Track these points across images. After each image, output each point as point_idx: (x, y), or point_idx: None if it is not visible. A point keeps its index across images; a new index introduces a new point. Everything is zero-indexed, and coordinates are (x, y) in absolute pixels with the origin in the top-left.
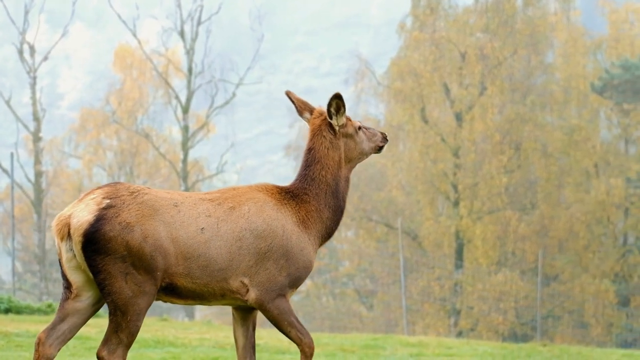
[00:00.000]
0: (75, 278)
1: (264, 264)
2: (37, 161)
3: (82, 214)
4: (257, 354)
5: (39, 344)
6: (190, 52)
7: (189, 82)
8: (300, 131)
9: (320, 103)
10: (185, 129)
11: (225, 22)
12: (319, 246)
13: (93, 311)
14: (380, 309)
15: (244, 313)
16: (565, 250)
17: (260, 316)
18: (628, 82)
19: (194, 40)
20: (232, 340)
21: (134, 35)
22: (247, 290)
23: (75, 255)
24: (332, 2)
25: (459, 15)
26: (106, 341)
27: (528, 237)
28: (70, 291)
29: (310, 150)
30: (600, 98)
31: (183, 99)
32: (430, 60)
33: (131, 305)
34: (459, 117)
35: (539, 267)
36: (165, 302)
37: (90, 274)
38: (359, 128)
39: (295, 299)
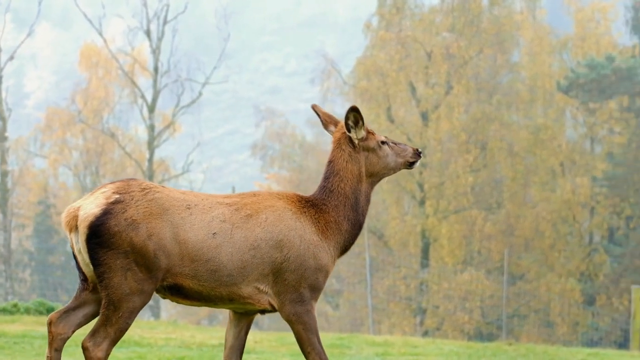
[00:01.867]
0: (90, 271)
1: (282, 274)
2: (3, 161)
3: (90, 207)
4: (222, 354)
5: (50, 324)
6: (156, 51)
7: (155, 81)
8: (266, 131)
9: (286, 102)
10: (151, 128)
11: (191, 21)
12: (337, 257)
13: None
14: (346, 308)
15: (240, 315)
16: (531, 249)
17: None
18: (594, 81)
19: (160, 39)
20: (198, 339)
21: (100, 34)
22: (267, 297)
23: None
24: (298, 1)
25: (425, 14)
26: (94, 333)
27: (494, 236)
28: (87, 283)
29: (330, 162)
30: (566, 97)
31: (149, 98)
32: (396, 60)
33: (126, 302)
34: (424, 117)
35: (504, 266)
36: (173, 301)
37: (91, 266)
38: (383, 142)
39: None
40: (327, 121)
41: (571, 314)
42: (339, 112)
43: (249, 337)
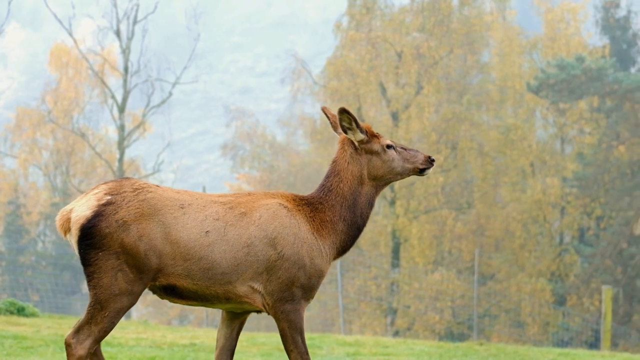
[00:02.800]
0: None
1: (276, 272)
2: None
3: (82, 209)
4: (193, 354)
5: (69, 345)
6: (126, 51)
7: (125, 81)
8: (236, 131)
9: (257, 102)
10: (122, 128)
11: (161, 21)
12: (334, 259)
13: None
14: (317, 308)
15: (233, 315)
16: (501, 250)
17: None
18: (564, 81)
19: (130, 39)
20: (169, 339)
21: (70, 34)
22: (260, 296)
23: None
24: (268, 1)
25: (395, 14)
26: (78, 330)
27: (464, 236)
28: None
29: (333, 162)
30: (536, 97)
31: (119, 98)
32: (367, 60)
33: (114, 302)
34: (395, 117)
35: (475, 266)
36: (170, 302)
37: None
38: (389, 147)
39: None
40: (336, 123)
41: (542, 314)
42: (310, 112)
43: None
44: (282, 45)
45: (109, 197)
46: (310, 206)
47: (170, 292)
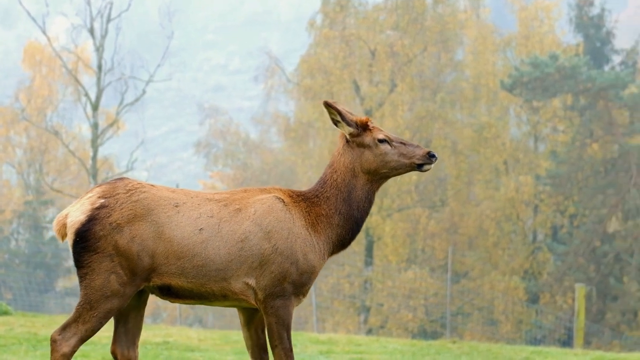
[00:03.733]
0: None
1: (269, 266)
2: None
3: (76, 214)
4: (166, 352)
5: (115, 356)
6: (99, 49)
7: (98, 79)
8: (210, 129)
9: (230, 100)
10: (95, 126)
11: (134, 19)
12: (331, 254)
13: (144, 300)
14: None
15: (248, 315)
16: (474, 247)
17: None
18: (537, 79)
19: (103, 37)
20: (142, 337)
21: (44, 32)
22: (254, 292)
23: None
24: None
25: (369, 12)
26: (64, 327)
27: (438, 234)
28: None
29: (332, 155)
30: (510, 95)
31: (93, 96)
32: (340, 58)
33: (104, 303)
34: (369, 114)
35: (448, 264)
36: (170, 301)
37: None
38: (381, 140)
39: None
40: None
41: (515, 312)
42: (283, 110)
43: (193, 334)
44: (255, 43)
45: (102, 201)
46: (307, 201)
47: (167, 292)
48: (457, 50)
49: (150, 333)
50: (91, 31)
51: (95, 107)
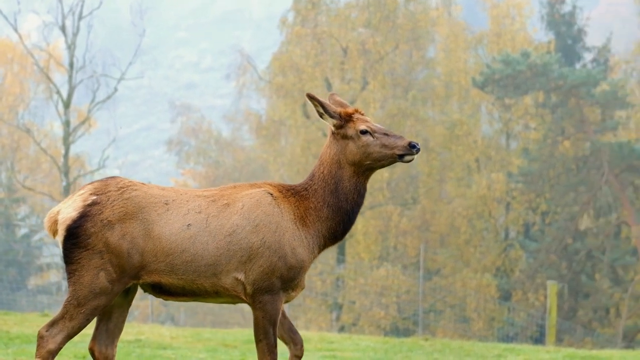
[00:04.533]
0: None
1: (257, 261)
2: None
3: (68, 211)
4: (138, 349)
5: (93, 353)
6: (71, 47)
7: (70, 77)
8: (182, 126)
9: (202, 98)
10: (67, 124)
11: (106, 16)
12: (323, 248)
13: (129, 300)
14: None
15: None
16: (446, 245)
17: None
18: (509, 76)
19: (75, 35)
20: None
21: (15, 30)
22: (243, 287)
23: None
24: None
25: (341, 10)
26: (52, 324)
27: (410, 231)
28: None
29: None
30: (482, 93)
31: (64, 94)
32: (312, 55)
33: (92, 300)
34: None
35: (420, 262)
36: (164, 299)
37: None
38: (363, 132)
39: None
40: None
41: (487, 309)
42: (255, 107)
43: (165, 332)
44: (227, 40)
45: (94, 197)
46: (296, 194)
47: (159, 290)
48: (429, 47)
49: (123, 331)
50: (63, 29)
51: (67, 105)
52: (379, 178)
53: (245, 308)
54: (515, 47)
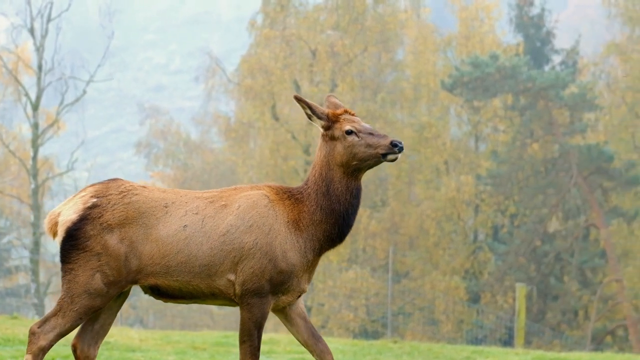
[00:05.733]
0: None
1: (249, 262)
2: None
3: (68, 213)
4: (107, 352)
5: (75, 350)
6: (40, 49)
7: (39, 79)
8: (150, 129)
9: (171, 100)
10: (35, 126)
11: (75, 19)
12: (320, 252)
13: (119, 303)
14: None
15: (284, 314)
16: (415, 247)
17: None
18: (478, 79)
19: (44, 37)
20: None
21: None
22: (234, 288)
23: None
24: None
25: (310, 12)
26: (44, 321)
27: (379, 234)
28: None
29: None
30: (451, 95)
31: (33, 96)
32: (281, 58)
33: (85, 300)
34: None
35: (389, 264)
36: (164, 302)
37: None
38: (348, 132)
39: (145, 296)
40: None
41: (456, 312)
42: (224, 110)
43: (134, 334)
44: (196, 42)
45: (94, 200)
46: (292, 197)
47: (158, 292)
48: (398, 50)
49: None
50: (31, 31)
51: (35, 107)
52: None
53: (214, 310)
54: (484, 49)
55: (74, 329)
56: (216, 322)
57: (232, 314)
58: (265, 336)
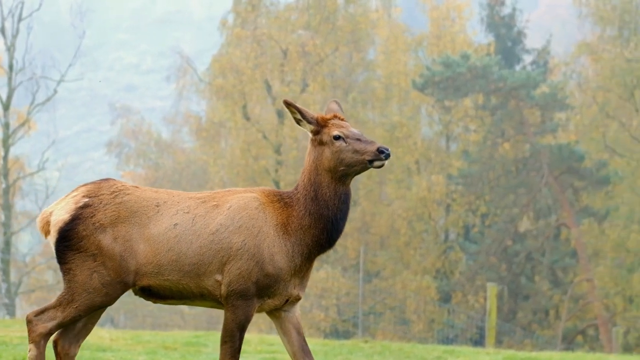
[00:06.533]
0: None
1: (236, 263)
2: None
3: (60, 213)
4: (78, 351)
5: (56, 346)
6: (11, 49)
7: (9, 78)
8: (122, 128)
9: (142, 100)
10: (6, 126)
11: (46, 18)
12: (309, 257)
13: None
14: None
15: (280, 322)
16: (386, 247)
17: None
18: (449, 78)
19: (14, 36)
20: (53, 337)
21: None
22: (220, 288)
23: None
24: None
25: (281, 12)
26: (42, 311)
27: (350, 233)
28: None
29: None
30: (422, 95)
31: (4, 95)
32: (252, 57)
33: (85, 298)
34: (280, 114)
35: (360, 264)
36: (155, 303)
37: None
38: (336, 137)
39: None
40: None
41: (427, 312)
42: (195, 109)
43: (105, 334)
44: (167, 42)
45: (86, 200)
46: (282, 201)
47: (148, 293)
48: (369, 49)
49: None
50: (2, 30)
51: (6, 107)
52: None
53: (185, 310)
54: (455, 49)
55: (75, 321)
56: (187, 322)
57: (203, 313)
58: None
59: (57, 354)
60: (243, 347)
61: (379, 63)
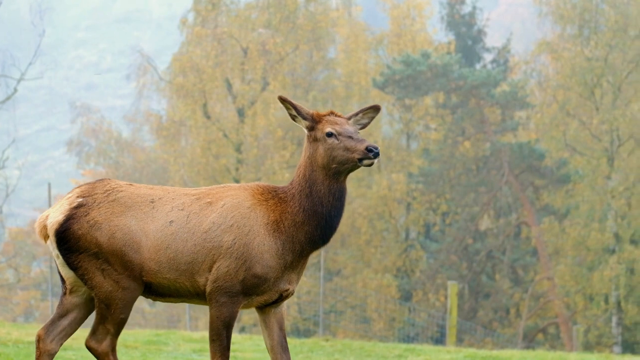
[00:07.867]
0: (67, 273)
1: (225, 260)
2: None
3: (55, 215)
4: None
5: (39, 341)
6: None
7: None
8: (82, 127)
9: (102, 98)
10: None
11: (5, 16)
12: (300, 254)
13: (92, 305)
14: (163, 304)
15: (265, 315)
16: (347, 245)
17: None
18: (410, 77)
19: None
20: (14, 336)
21: None
22: (206, 285)
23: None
24: None
25: (241, 10)
26: (94, 332)
27: None
28: (66, 286)
29: None
30: (382, 93)
31: None
32: (212, 56)
33: (113, 299)
34: (241, 113)
35: (321, 262)
36: (154, 300)
37: (67, 268)
38: (328, 134)
39: None
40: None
41: (387, 310)
42: (155, 108)
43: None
44: (127, 41)
45: (80, 200)
46: (276, 197)
47: (148, 290)
48: (329, 48)
49: (23, 332)
50: None
51: None
52: (280, 179)
53: (146, 309)
54: (416, 47)
55: (124, 324)
56: (148, 320)
57: (164, 311)
58: (196, 334)
59: (38, 348)
60: (204, 345)
61: (339, 62)
